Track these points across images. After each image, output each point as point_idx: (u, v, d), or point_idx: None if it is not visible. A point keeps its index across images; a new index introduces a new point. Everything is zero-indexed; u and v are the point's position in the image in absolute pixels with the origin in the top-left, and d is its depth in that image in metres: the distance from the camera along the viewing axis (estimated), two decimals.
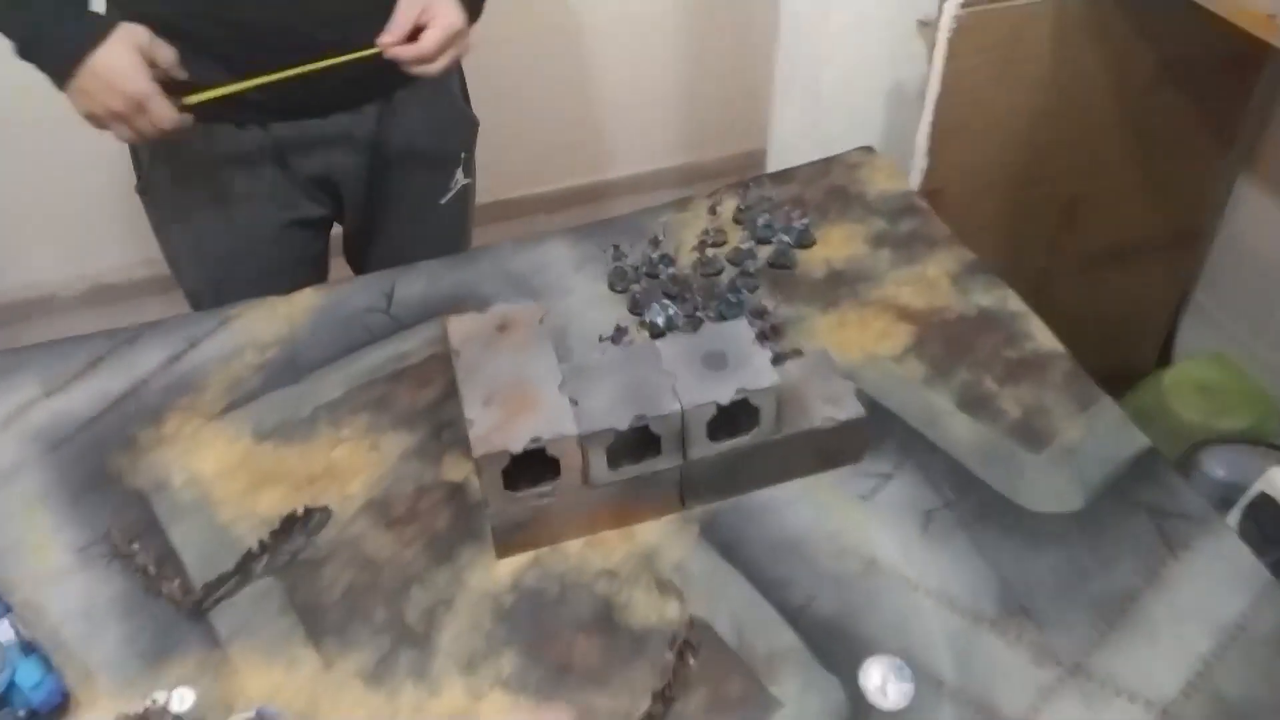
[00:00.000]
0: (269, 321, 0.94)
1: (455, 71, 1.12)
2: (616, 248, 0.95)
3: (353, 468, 0.80)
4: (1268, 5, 0.90)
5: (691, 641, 0.67)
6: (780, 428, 0.73)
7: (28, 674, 0.63)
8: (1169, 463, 0.76)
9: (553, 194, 2.16)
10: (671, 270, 0.94)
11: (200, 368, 0.89)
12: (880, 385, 0.83)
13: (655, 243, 0.95)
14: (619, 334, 0.85)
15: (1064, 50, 1.16)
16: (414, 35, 0.90)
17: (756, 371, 0.70)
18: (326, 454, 0.82)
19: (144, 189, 1.07)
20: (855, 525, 0.74)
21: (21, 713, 0.63)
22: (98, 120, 0.89)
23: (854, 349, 0.87)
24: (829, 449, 0.76)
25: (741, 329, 0.74)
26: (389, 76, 0.93)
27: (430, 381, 0.87)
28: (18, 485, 0.80)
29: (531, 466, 0.69)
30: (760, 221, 0.97)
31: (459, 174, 1.14)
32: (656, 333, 0.88)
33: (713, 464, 0.73)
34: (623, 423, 0.68)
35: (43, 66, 0.89)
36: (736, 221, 1.01)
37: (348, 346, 0.91)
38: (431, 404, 0.85)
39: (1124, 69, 1.22)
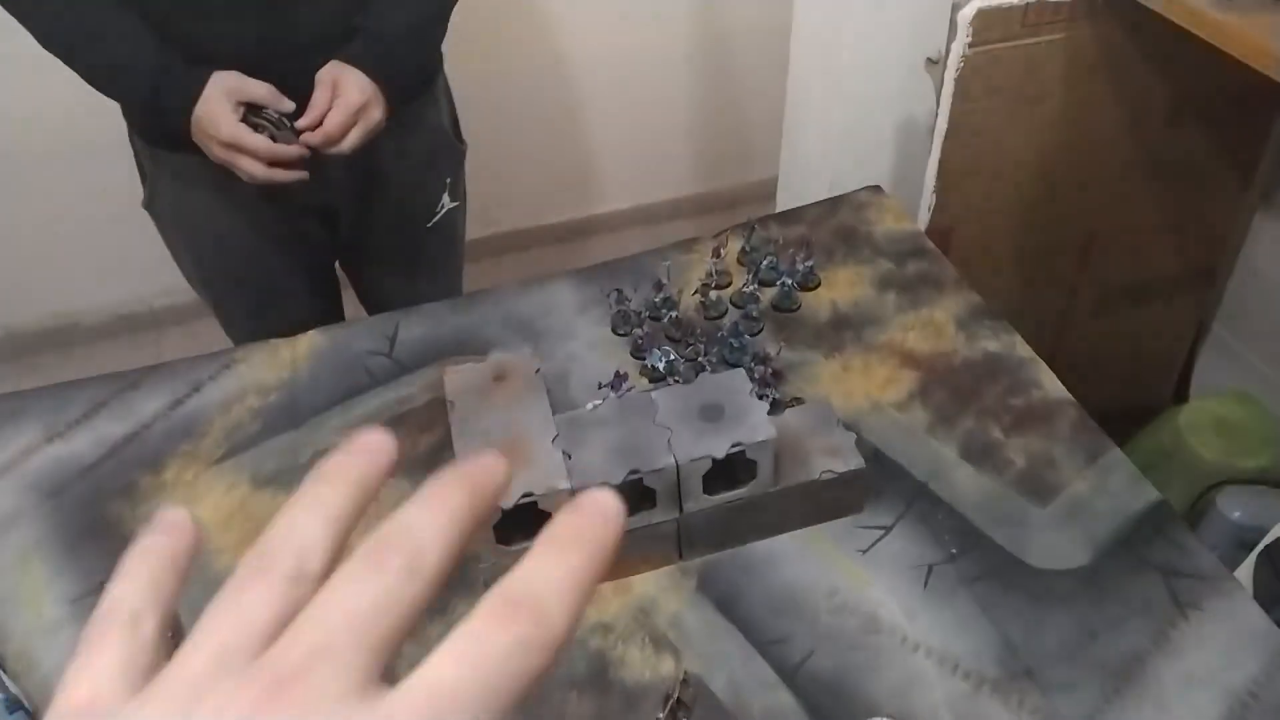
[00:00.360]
0: (271, 365, 0.94)
1: (439, 102, 1.14)
2: (619, 292, 0.94)
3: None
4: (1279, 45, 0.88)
5: (685, 700, 0.66)
6: (778, 480, 0.72)
7: None
8: (1180, 518, 0.74)
9: (564, 225, 2.17)
10: (674, 313, 0.93)
11: (201, 412, 0.89)
12: (883, 434, 0.82)
13: (658, 286, 0.95)
14: (618, 380, 0.84)
15: (1077, 88, 1.15)
16: None
17: (753, 424, 0.69)
18: None
19: (149, 204, 1.11)
20: (855, 580, 0.72)
21: None
22: (229, 167, 0.95)
23: (858, 395, 0.86)
24: (828, 501, 0.75)
25: (738, 380, 0.73)
26: None
27: (430, 427, 0.87)
28: (13, 535, 0.80)
29: (525, 520, 0.69)
30: (764, 263, 0.97)
31: (445, 198, 1.17)
32: (657, 377, 0.88)
33: (709, 517, 0.72)
34: (616, 477, 0.67)
35: (164, 141, 0.99)
36: (741, 263, 1.00)
37: (349, 390, 0.91)
38: (430, 450, 0.85)
39: (1140, 105, 1.20)
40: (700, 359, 0.88)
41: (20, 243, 1.89)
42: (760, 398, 0.81)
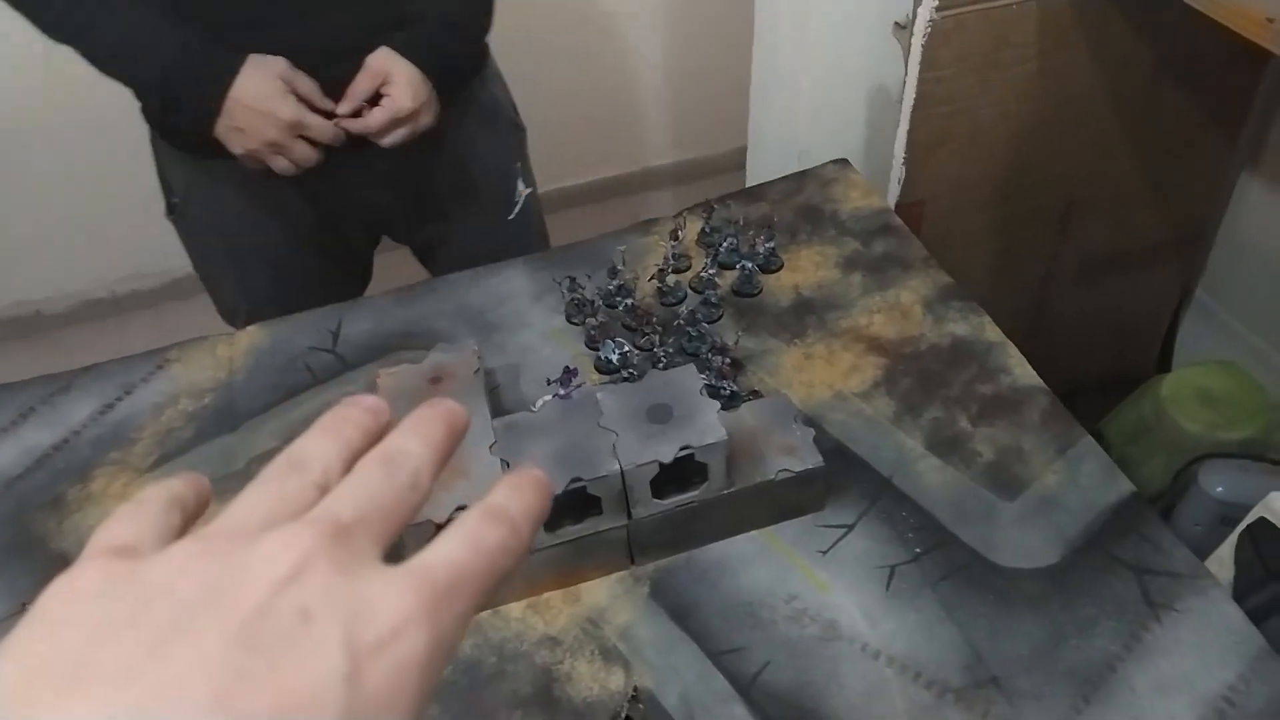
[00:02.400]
0: (207, 364, 0.90)
1: (497, 81, 1.08)
2: (572, 280, 0.90)
3: None
4: (1265, 8, 0.84)
5: (635, 718, 0.62)
6: (732, 480, 0.68)
7: None
8: (1156, 512, 0.70)
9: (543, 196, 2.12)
10: (630, 300, 0.89)
11: (132, 418, 0.85)
12: (846, 427, 0.78)
13: (613, 272, 0.90)
14: (567, 376, 0.80)
15: (1053, 52, 1.10)
16: (375, 102, 0.91)
17: (704, 426, 0.65)
18: None
19: (174, 212, 1.05)
20: (815, 584, 0.69)
21: None
22: (255, 156, 0.90)
23: (820, 385, 0.82)
24: (786, 501, 0.71)
25: (689, 377, 0.69)
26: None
27: None
28: None
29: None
30: (724, 245, 0.92)
31: (519, 185, 1.11)
32: (611, 370, 0.84)
33: (659, 522, 0.68)
34: (558, 486, 0.63)
35: (186, 110, 0.89)
36: (700, 245, 0.95)
37: (289, 390, 0.87)
38: None
39: (1119, 68, 1.15)
40: (656, 349, 0.84)
41: None
42: (717, 391, 0.77)
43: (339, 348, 0.91)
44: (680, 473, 0.67)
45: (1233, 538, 1.00)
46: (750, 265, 0.90)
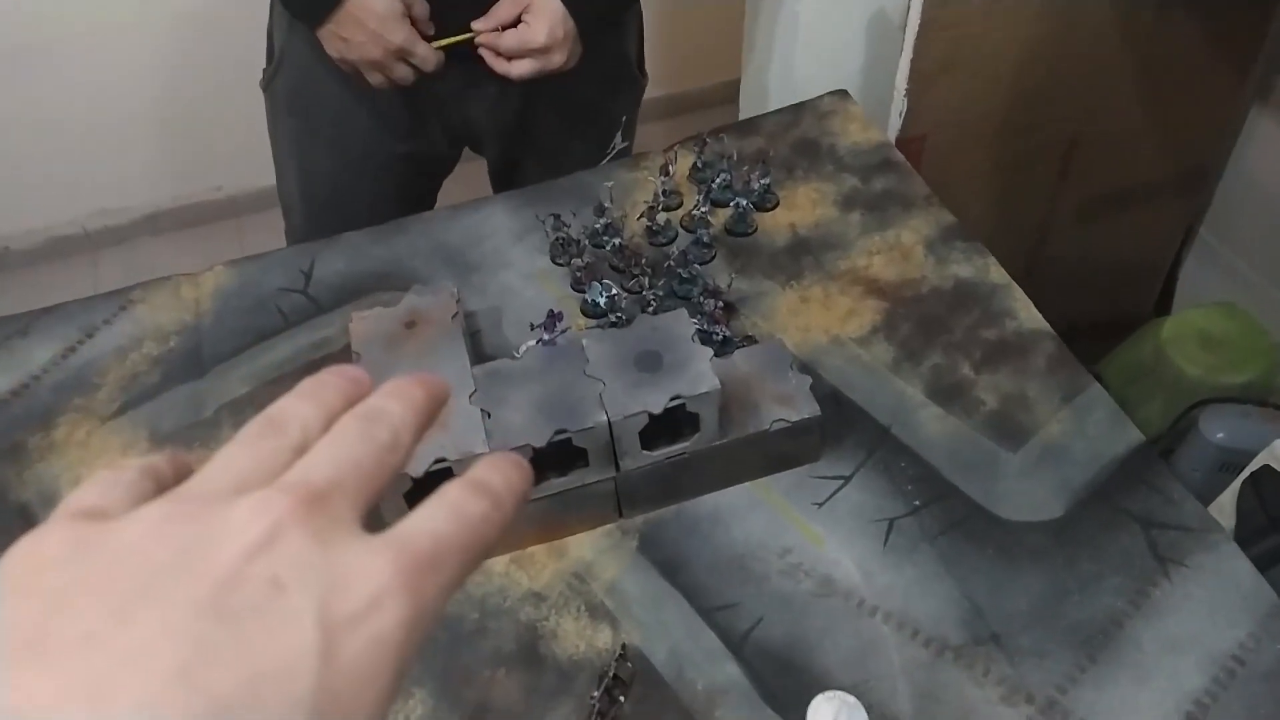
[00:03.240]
0: (172, 306, 0.85)
1: (629, 28, 1.03)
2: (556, 217, 0.85)
3: None
4: None
5: (622, 677, 0.60)
6: (725, 431, 0.65)
7: None
8: (1164, 463, 0.68)
9: None
10: (618, 240, 0.84)
11: (95, 362, 0.81)
12: (843, 373, 0.75)
13: (600, 209, 0.86)
14: (552, 321, 0.76)
15: None
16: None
17: (695, 374, 0.62)
18: None
19: (268, 85, 1.01)
20: (809, 537, 0.66)
21: None
22: (349, 65, 0.87)
23: (817, 330, 0.78)
24: (781, 452, 0.68)
25: (680, 322, 0.65)
26: None
27: None
28: None
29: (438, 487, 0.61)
30: (717, 182, 0.87)
31: (618, 137, 1.06)
32: (598, 314, 0.80)
33: (648, 474, 0.65)
34: (541, 439, 0.60)
35: (298, 10, 0.88)
36: (692, 181, 0.91)
37: (258, 334, 0.83)
38: None
39: None
40: (645, 293, 0.80)
41: None
42: (709, 337, 0.74)
43: (311, 289, 0.86)
44: (671, 423, 0.64)
45: (1235, 486, 0.98)
46: (745, 202, 0.85)
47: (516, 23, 0.87)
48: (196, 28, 1.76)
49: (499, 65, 0.88)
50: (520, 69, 0.88)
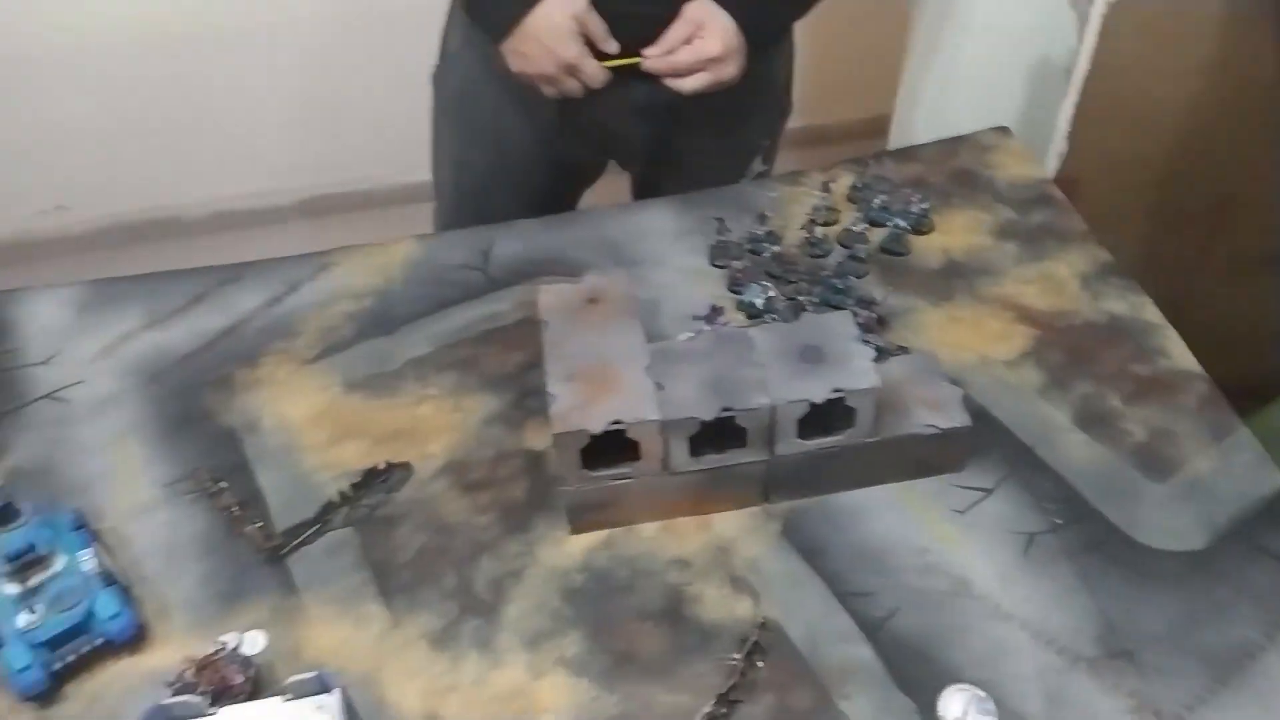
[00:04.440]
0: (366, 270, 0.94)
1: (782, 54, 1.08)
2: (721, 221, 0.91)
3: (435, 427, 0.80)
4: None
5: (761, 644, 0.64)
6: (876, 430, 0.69)
7: (106, 605, 0.64)
8: None
9: None
10: (776, 249, 0.89)
11: (297, 312, 0.90)
12: (990, 392, 0.77)
13: (761, 218, 0.91)
14: (714, 314, 0.81)
15: (1232, 32, 1.05)
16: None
17: (856, 370, 0.66)
18: (412, 410, 0.81)
19: (436, 79, 1.10)
20: (948, 542, 0.69)
21: (98, 641, 0.65)
22: (526, 78, 0.94)
23: (965, 349, 0.81)
24: (927, 457, 0.71)
25: (843, 322, 0.69)
26: None
27: (519, 346, 0.86)
28: (112, 416, 0.82)
29: (611, 446, 0.67)
30: (875, 202, 0.92)
31: (757, 162, 1.11)
32: (754, 314, 0.85)
33: (800, 462, 0.69)
34: (708, 413, 0.65)
35: (483, 24, 0.96)
36: (850, 200, 0.95)
37: (440, 302, 0.90)
38: (518, 368, 0.84)
39: None
40: (801, 298, 0.84)
41: (123, 136, 1.93)
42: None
43: (489, 267, 0.94)
44: (824, 418, 0.68)
45: None
46: (902, 224, 0.89)
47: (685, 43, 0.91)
48: (354, 30, 1.89)
49: (673, 82, 0.92)
50: (694, 83, 0.92)
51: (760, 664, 0.64)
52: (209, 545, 0.73)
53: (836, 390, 0.65)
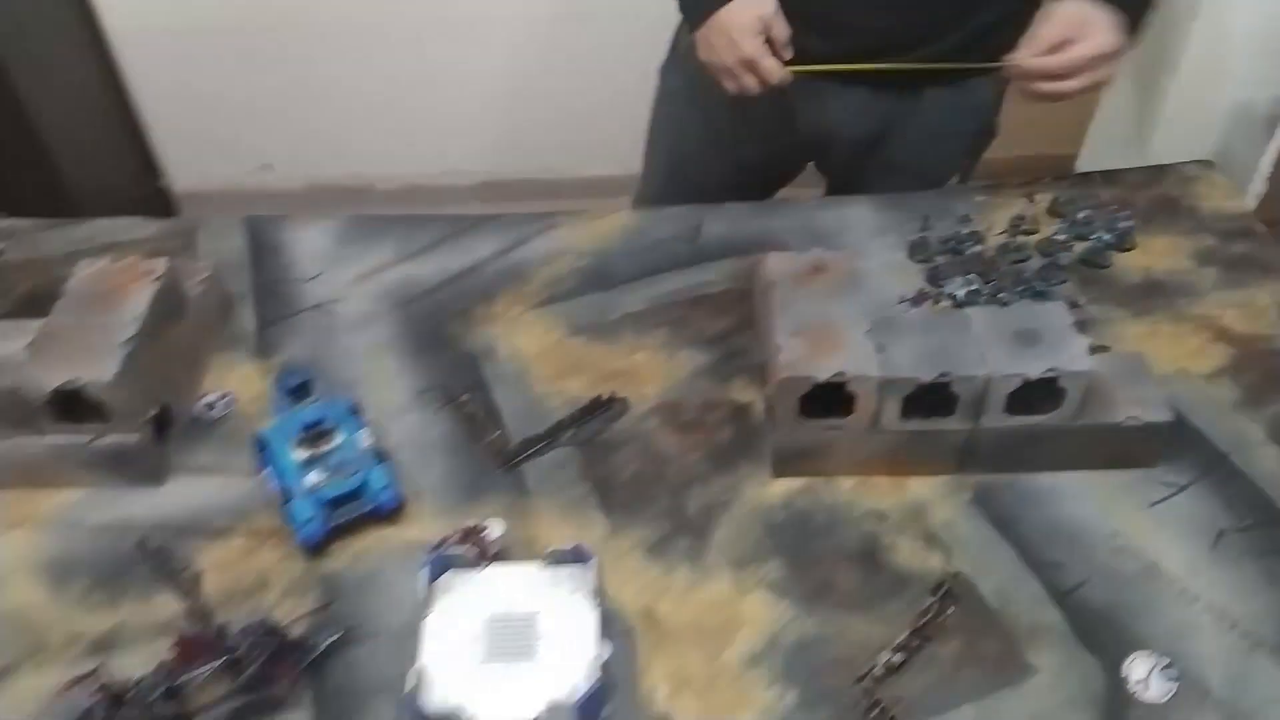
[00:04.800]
0: (586, 233, 1.03)
1: (1000, 80, 1.07)
2: (926, 218, 0.96)
3: (650, 372, 0.88)
4: None
5: (954, 592, 0.69)
6: (1080, 416, 0.73)
7: (378, 477, 0.75)
8: None
9: None
10: (977, 248, 0.94)
11: (526, 262, 1.00)
12: (1186, 401, 0.81)
13: (965, 219, 0.96)
14: (920, 298, 0.87)
15: None
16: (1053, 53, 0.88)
17: (1070, 354, 0.71)
18: (628, 357, 0.90)
19: (663, 71, 1.20)
20: (1139, 529, 0.73)
21: (367, 508, 0.75)
22: (711, 68, 1.01)
23: (1163, 361, 0.84)
24: (1124, 449, 0.75)
25: (1058, 311, 0.74)
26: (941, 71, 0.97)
27: (727, 312, 0.93)
28: (369, 331, 0.93)
29: (826, 401, 0.74)
30: (1080, 215, 0.96)
31: (953, 180, 1.15)
32: (957, 305, 0.90)
33: (1001, 437, 0.74)
34: (926, 375, 0.71)
35: (685, 13, 1.05)
36: (1051, 213, 0.99)
37: (653, 268, 0.99)
38: (726, 331, 0.91)
39: None
40: (1002, 295, 0.89)
41: (328, 106, 2.11)
42: None
43: (698, 240, 1.02)
44: (1029, 399, 0.73)
45: None
46: (1105, 237, 0.93)
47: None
48: (552, 27, 2.02)
49: (1043, 88, 0.89)
50: (1074, 85, 0.88)
51: (951, 609, 0.69)
52: (453, 447, 0.82)
53: (1051, 369, 0.70)
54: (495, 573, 0.63)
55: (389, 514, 0.76)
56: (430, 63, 2.06)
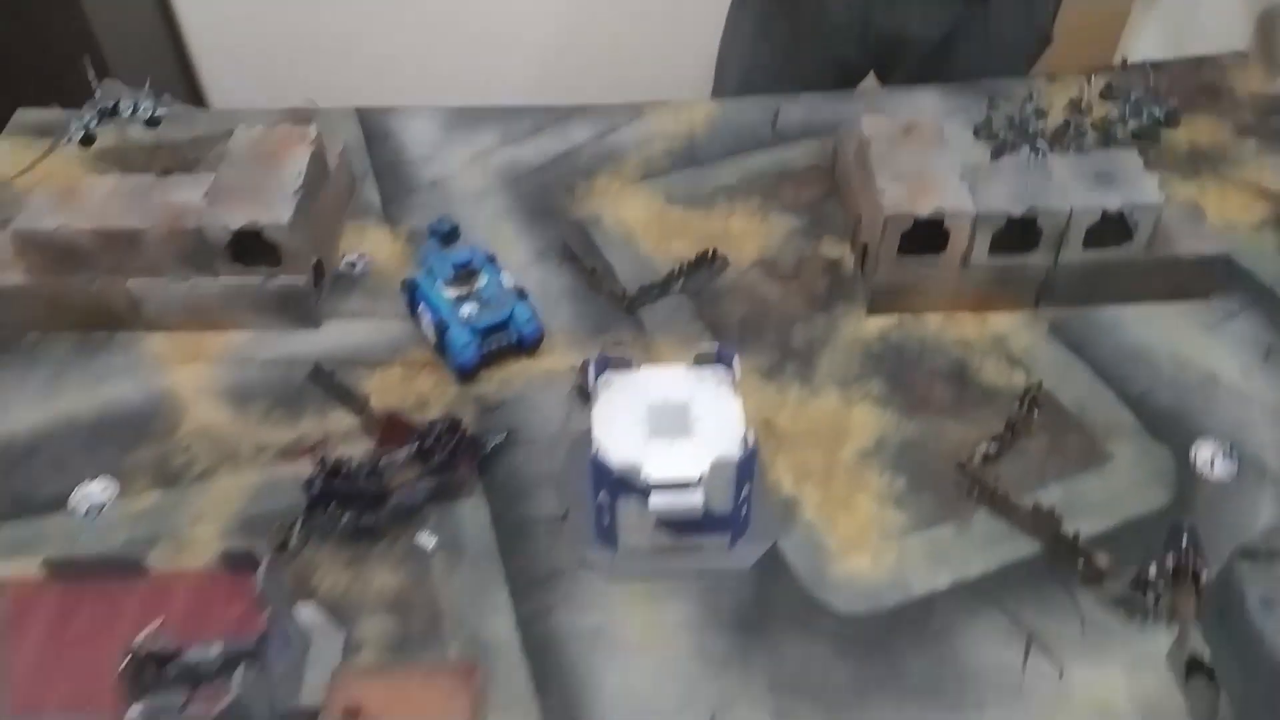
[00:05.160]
0: (674, 120, 1.11)
1: None
2: (991, 98, 1.05)
3: (746, 234, 0.97)
4: None
5: (1038, 400, 0.79)
6: (1150, 250, 0.83)
7: (523, 311, 0.84)
8: None
9: None
10: (1040, 124, 1.03)
11: (621, 145, 1.08)
12: (1235, 246, 0.90)
13: (1029, 97, 1.05)
14: (1001, 149, 0.96)
15: None
16: None
17: (1143, 190, 0.80)
18: (724, 222, 0.99)
19: None
20: (1197, 347, 0.83)
21: (513, 339, 0.84)
22: None
23: (1212, 215, 0.92)
24: (1184, 280, 0.85)
25: (1130, 156, 0.83)
26: None
27: (811, 185, 1.02)
28: (486, 204, 1.02)
29: (929, 235, 0.83)
30: (1133, 95, 1.05)
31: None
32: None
33: (1077, 270, 0.84)
34: (1016, 210, 0.80)
35: None
36: (1104, 97, 1.08)
37: (738, 149, 1.07)
38: (813, 200, 1.00)
39: None
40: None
41: (367, 38, 2.15)
42: None
43: (778, 126, 1.11)
44: (1104, 237, 0.82)
45: None
46: (1155, 113, 1.02)
47: None
48: None
49: None
50: None
51: (1036, 413, 0.78)
52: (576, 296, 0.91)
53: (1128, 204, 0.79)
54: (649, 371, 0.72)
55: (532, 346, 0.85)
56: None
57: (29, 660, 0.55)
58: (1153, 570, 0.64)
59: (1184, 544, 0.64)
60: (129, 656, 0.52)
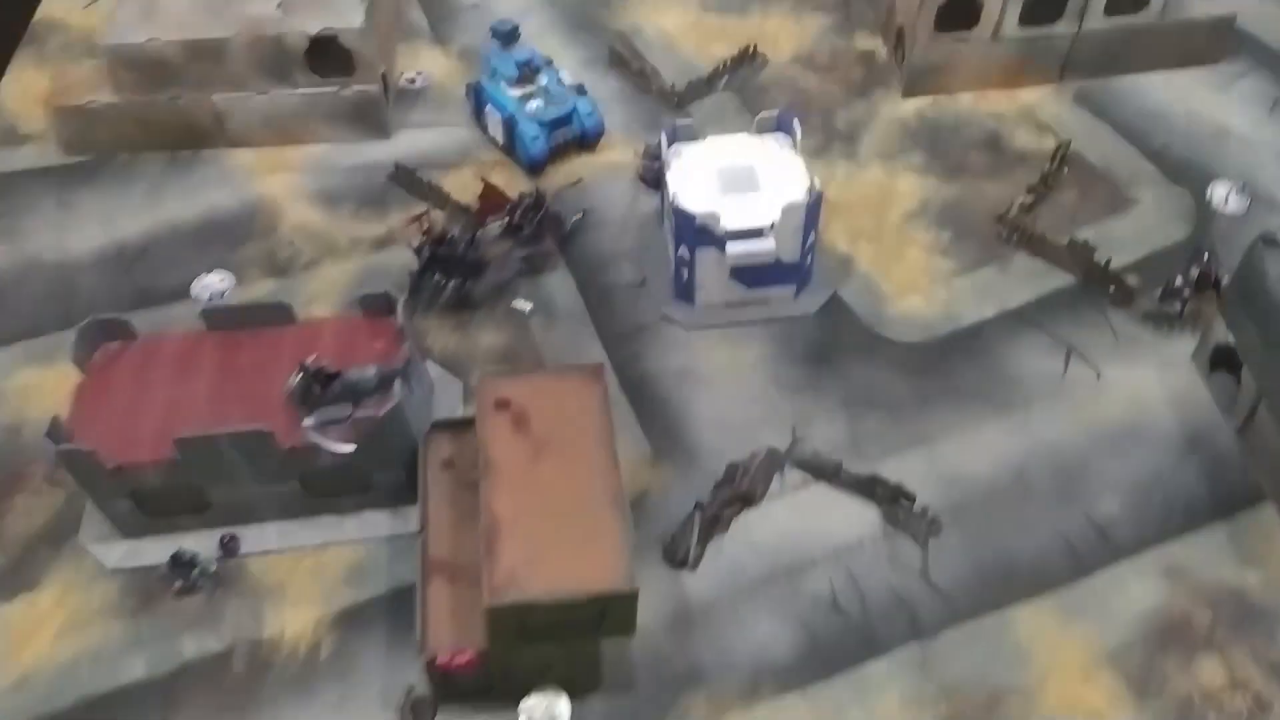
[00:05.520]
0: None
1: None
2: None
3: (782, 34, 1.02)
4: None
5: (1066, 158, 0.86)
6: (1164, 15, 0.88)
7: (585, 105, 0.89)
8: None
9: None
10: None
11: None
12: (1242, 7, 0.95)
13: None
14: None
15: None
16: None
17: None
18: (760, 25, 1.03)
19: None
20: (1209, 105, 0.90)
21: (577, 132, 0.90)
22: None
23: None
24: (1196, 45, 0.91)
25: None
26: None
27: None
28: (529, 20, 1.04)
29: (950, 20, 0.88)
30: None
31: None
32: None
33: (1098, 39, 0.90)
34: None
35: None
36: None
37: None
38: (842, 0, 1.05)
39: None
40: None
41: None
42: None
43: None
44: (1121, 5, 0.88)
45: None
46: None
47: None
48: None
49: None
50: None
51: (1065, 169, 0.86)
52: (627, 97, 0.97)
53: None
54: (716, 140, 0.79)
55: (594, 139, 0.91)
56: None
57: (204, 393, 0.63)
58: (1179, 279, 0.72)
59: (1205, 257, 0.73)
60: (299, 373, 0.60)
